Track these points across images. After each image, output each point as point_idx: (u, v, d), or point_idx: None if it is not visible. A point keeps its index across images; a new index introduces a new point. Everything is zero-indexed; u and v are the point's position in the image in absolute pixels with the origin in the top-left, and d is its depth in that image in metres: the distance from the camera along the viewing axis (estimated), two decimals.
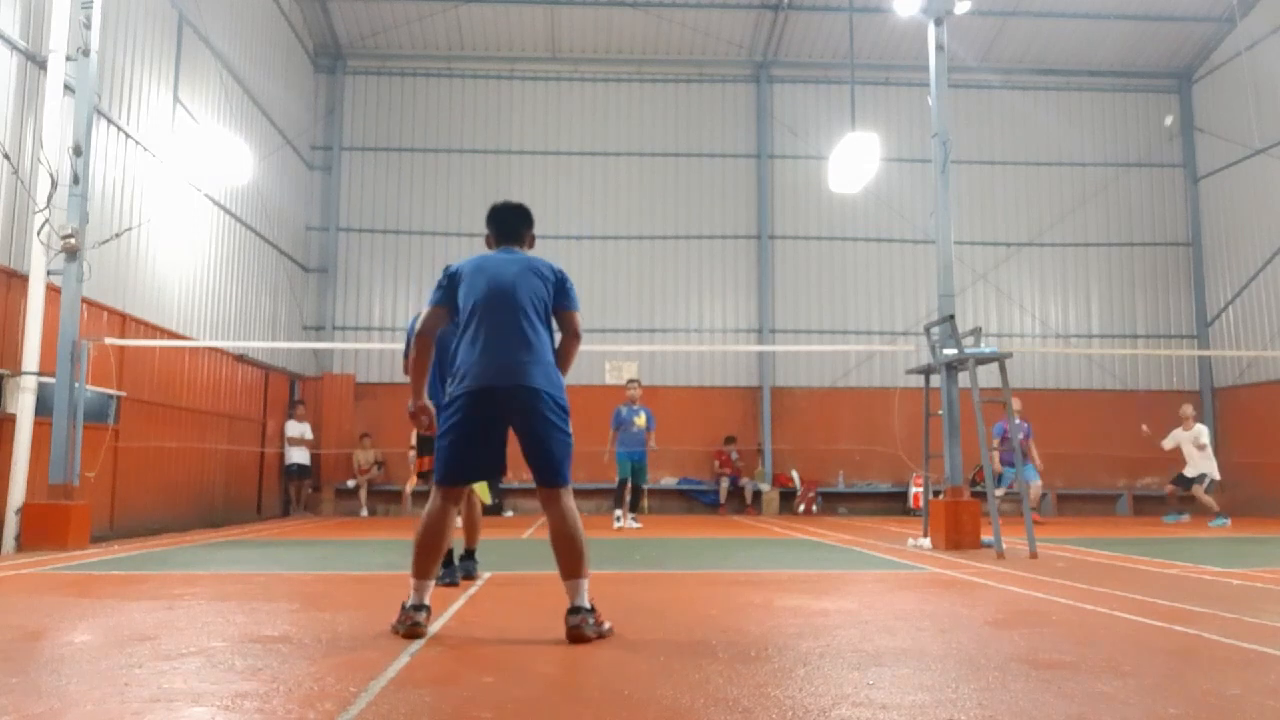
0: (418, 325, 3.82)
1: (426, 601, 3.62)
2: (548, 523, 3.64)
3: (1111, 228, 16.88)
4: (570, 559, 3.56)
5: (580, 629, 3.45)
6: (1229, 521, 12.31)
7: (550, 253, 17.57)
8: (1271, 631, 3.74)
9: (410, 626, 3.54)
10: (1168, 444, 13.05)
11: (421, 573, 3.62)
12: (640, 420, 11.35)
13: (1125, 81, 17.08)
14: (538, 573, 6.27)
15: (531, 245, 3.97)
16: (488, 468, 3.75)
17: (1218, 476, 12.90)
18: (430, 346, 3.81)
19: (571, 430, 3.65)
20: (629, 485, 11.36)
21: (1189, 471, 12.87)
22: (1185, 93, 17.08)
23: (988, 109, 16.77)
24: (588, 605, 3.51)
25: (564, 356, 3.82)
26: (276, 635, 3.60)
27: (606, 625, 3.60)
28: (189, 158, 11.19)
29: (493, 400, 3.59)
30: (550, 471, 3.62)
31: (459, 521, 4.78)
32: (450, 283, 3.78)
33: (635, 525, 11.29)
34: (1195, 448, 12.81)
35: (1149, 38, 16.41)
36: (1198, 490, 12.77)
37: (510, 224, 3.94)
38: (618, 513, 11.21)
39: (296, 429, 14.68)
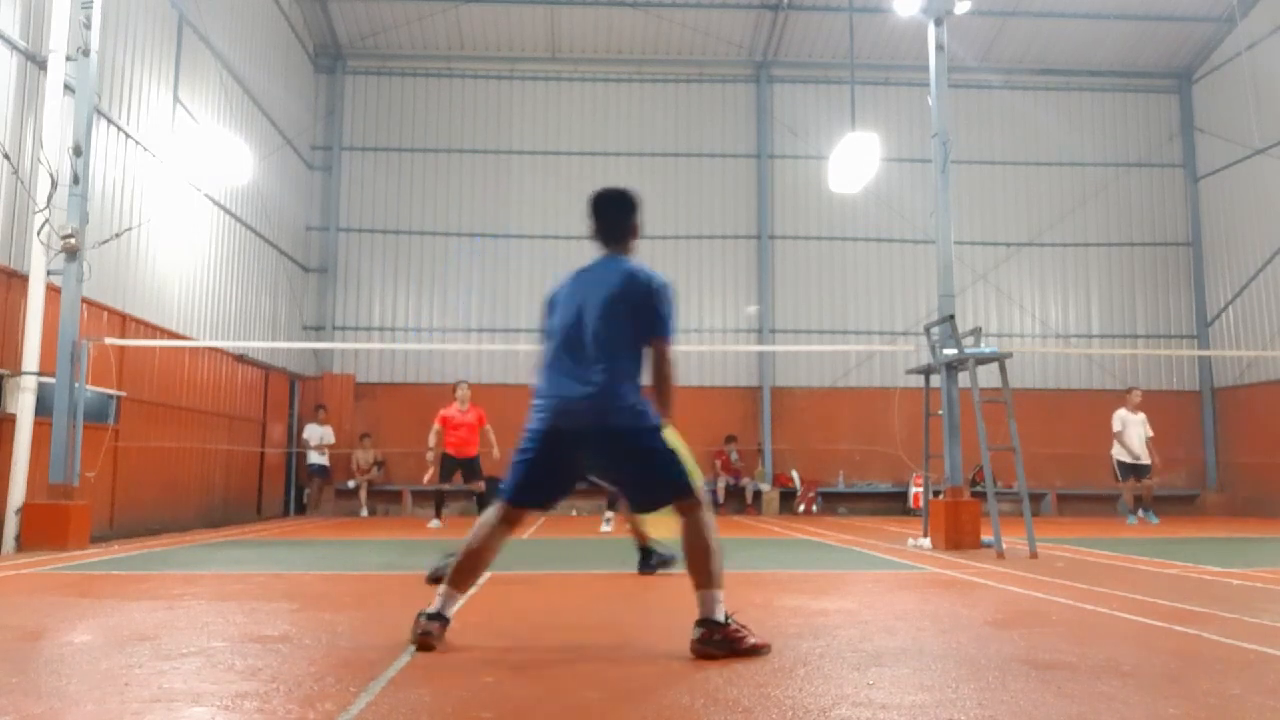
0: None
1: (448, 613, 3.40)
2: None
3: (1111, 228, 16.87)
4: (692, 570, 3.33)
5: (699, 644, 3.18)
6: (1137, 520, 12.45)
7: (551, 253, 17.47)
8: (1271, 631, 3.74)
9: (420, 636, 3.32)
10: (1116, 425, 12.64)
11: (453, 580, 3.43)
12: None
13: (1125, 81, 17.08)
14: (538, 573, 6.27)
15: (635, 236, 3.71)
16: (555, 499, 3.60)
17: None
18: None
19: (668, 443, 3.40)
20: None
21: (1131, 459, 12.50)
22: (1185, 93, 17.08)
23: (988, 109, 16.76)
24: (718, 619, 3.22)
25: (657, 396, 3.49)
26: (276, 635, 3.60)
27: (750, 641, 3.23)
28: (189, 158, 11.18)
29: (562, 441, 3.42)
30: (655, 497, 3.46)
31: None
32: (548, 312, 3.62)
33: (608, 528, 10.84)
34: (1146, 433, 12.50)
35: (1149, 38, 16.41)
36: (1149, 484, 12.57)
37: (608, 221, 3.67)
38: (608, 514, 10.84)
39: (318, 432, 14.77)
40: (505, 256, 16.18)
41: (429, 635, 3.33)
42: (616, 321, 3.43)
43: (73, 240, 7.90)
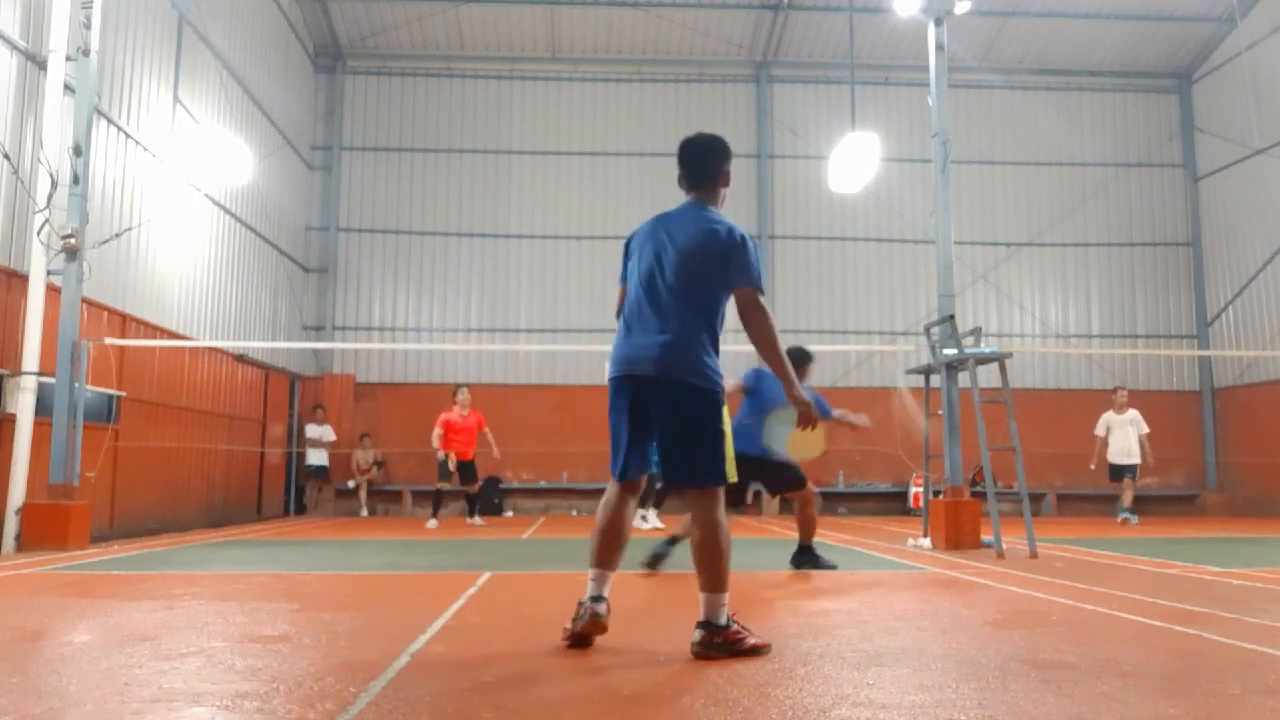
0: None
1: (605, 593, 3.35)
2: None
3: (1111, 228, 16.87)
4: (699, 570, 3.29)
5: (700, 646, 3.17)
6: (1137, 519, 12.33)
7: (550, 252, 17.52)
8: (1271, 631, 3.74)
9: (590, 619, 3.26)
10: (1100, 430, 12.59)
11: (596, 561, 3.40)
12: None
13: (1125, 81, 17.08)
14: (538, 573, 6.27)
15: (726, 184, 3.66)
16: (648, 459, 3.45)
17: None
18: None
19: (723, 424, 3.32)
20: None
21: (1123, 459, 12.41)
22: (1185, 93, 17.07)
23: (988, 109, 16.76)
24: (720, 623, 3.21)
25: (757, 342, 3.40)
26: (276, 635, 3.60)
27: (750, 641, 3.22)
28: (189, 158, 11.18)
29: (635, 388, 3.36)
30: (684, 469, 3.33)
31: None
32: (625, 255, 3.58)
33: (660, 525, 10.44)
34: (1135, 432, 12.36)
35: (1149, 38, 16.41)
36: (1129, 482, 12.43)
37: (695, 165, 3.62)
38: (643, 512, 10.56)
39: (316, 431, 14.79)
40: (505, 256, 16.18)
41: (599, 617, 3.26)
42: (693, 274, 3.36)
43: (73, 240, 7.90)
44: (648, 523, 10.52)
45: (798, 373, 4.87)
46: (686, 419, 3.31)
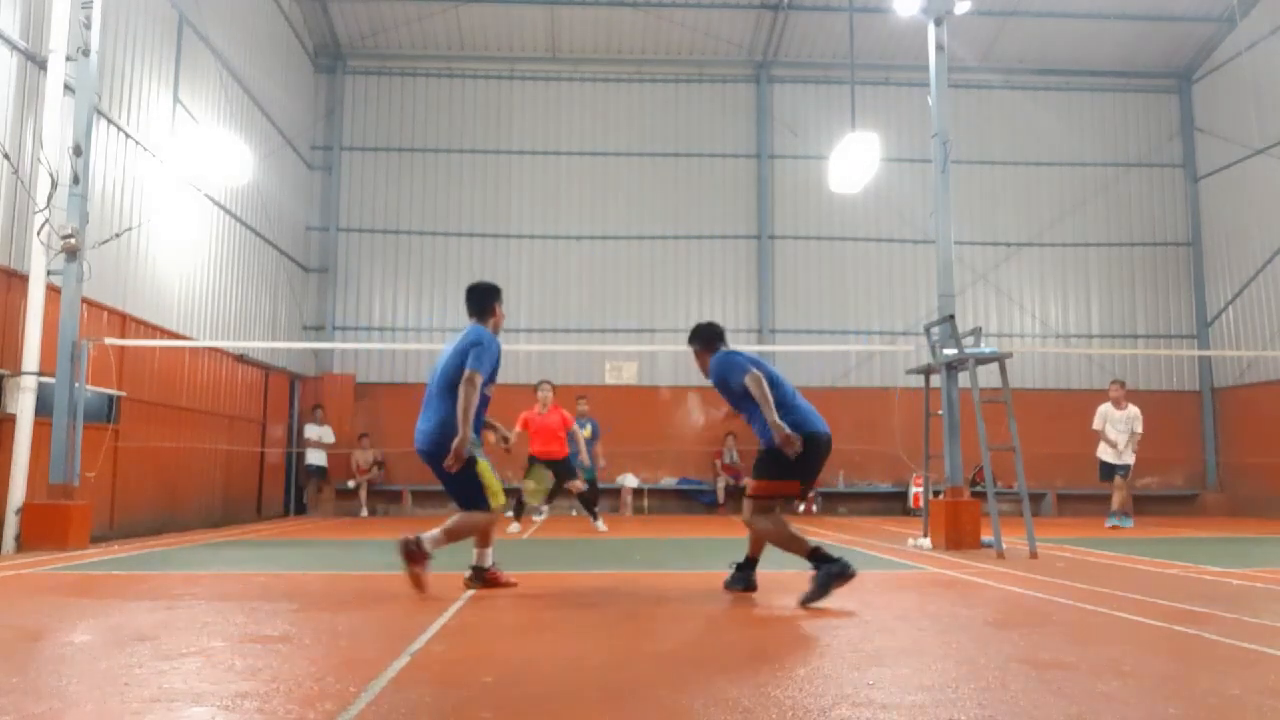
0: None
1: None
2: None
3: (1111, 228, 16.87)
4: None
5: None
6: (1132, 523, 11.61)
7: (550, 252, 17.54)
8: (1271, 631, 3.74)
9: None
10: (1096, 424, 11.78)
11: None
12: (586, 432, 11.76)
13: (1125, 81, 17.08)
14: (537, 573, 6.27)
15: (495, 316, 5.69)
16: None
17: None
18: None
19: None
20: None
21: (1112, 459, 11.65)
22: (1185, 93, 17.07)
23: (988, 109, 16.75)
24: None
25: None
26: (276, 635, 3.60)
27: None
28: (189, 158, 11.17)
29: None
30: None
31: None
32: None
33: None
34: (1130, 432, 11.57)
35: (1149, 38, 16.40)
36: (1121, 482, 11.56)
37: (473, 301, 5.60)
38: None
39: (315, 431, 14.79)
40: (505, 256, 16.18)
41: None
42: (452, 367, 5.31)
43: (73, 240, 7.90)
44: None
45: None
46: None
